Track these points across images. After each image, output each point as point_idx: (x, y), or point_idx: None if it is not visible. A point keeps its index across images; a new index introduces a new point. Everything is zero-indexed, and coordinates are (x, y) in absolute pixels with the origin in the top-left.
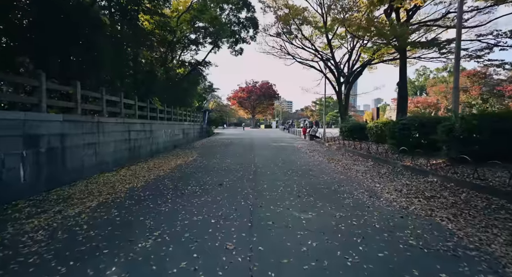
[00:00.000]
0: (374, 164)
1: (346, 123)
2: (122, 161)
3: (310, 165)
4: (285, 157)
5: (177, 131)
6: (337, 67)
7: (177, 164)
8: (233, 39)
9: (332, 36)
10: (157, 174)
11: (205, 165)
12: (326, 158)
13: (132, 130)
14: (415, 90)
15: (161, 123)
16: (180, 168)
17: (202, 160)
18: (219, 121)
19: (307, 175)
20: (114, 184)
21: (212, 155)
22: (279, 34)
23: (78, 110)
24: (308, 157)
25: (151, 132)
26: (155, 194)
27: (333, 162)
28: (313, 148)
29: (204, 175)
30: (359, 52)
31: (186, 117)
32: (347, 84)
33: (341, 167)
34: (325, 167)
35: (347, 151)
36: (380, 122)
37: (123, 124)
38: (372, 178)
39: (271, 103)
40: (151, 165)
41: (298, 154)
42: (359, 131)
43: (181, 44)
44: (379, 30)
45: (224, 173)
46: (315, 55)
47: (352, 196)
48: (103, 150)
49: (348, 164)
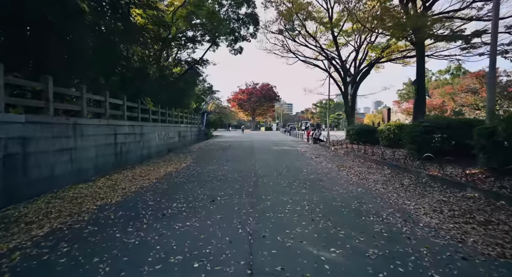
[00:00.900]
0: (393, 172)
1: (354, 126)
2: (106, 168)
3: (319, 174)
4: (289, 163)
5: (172, 133)
6: (343, 66)
7: (167, 171)
8: (232, 37)
9: (338, 32)
10: (140, 185)
11: (198, 173)
12: (335, 164)
13: (119, 133)
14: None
15: (154, 125)
16: (169, 177)
17: (196, 166)
18: (218, 123)
19: (317, 187)
20: (84, 199)
21: (208, 160)
22: (281, 31)
23: (49, 110)
24: (314, 163)
25: (142, 135)
26: (128, 216)
27: (344, 170)
28: (318, 153)
29: (196, 187)
30: (366, 50)
31: (183, 119)
32: (354, 84)
33: (354, 176)
34: (336, 176)
35: (357, 156)
36: (393, 125)
37: (108, 126)
38: (397, 191)
39: (272, 105)
40: (137, 173)
41: (303, 160)
42: (368, 134)
43: (177, 42)
44: (397, 20)
45: (220, 184)
46: (319, 53)
47: (381, 220)
48: (82, 156)
49: (362, 172)
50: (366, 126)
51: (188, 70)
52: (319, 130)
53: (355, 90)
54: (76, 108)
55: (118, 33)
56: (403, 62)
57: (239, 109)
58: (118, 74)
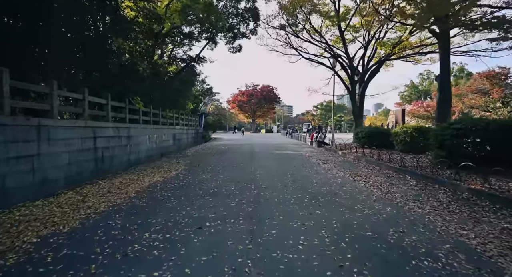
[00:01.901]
0: (420, 184)
1: (363, 128)
2: (82, 177)
3: (331, 185)
4: (295, 171)
5: (166, 136)
6: (351, 63)
7: (152, 182)
8: (231, 34)
9: (345, 27)
10: (113, 202)
11: (188, 184)
12: (348, 173)
13: (100, 136)
14: (419, 95)
15: (145, 127)
16: (152, 190)
17: (187, 175)
18: (217, 126)
19: (334, 204)
20: (28, 226)
21: (203, 167)
22: (284, 26)
23: (2, 109)
24: (324, 171)
25: (130, 138)
26: (74, 257)
27: (360, 180)
28: (325, 158)
29: (181, 205)
30: (375, 46)
31: (178, 120)
32: (362, 83)
33: (375, 188)
34: (353, 188)
35: (370, 162)
36: (410, 127)
37: (86, 128)
38: (438, 212)
39: (272, 107)
40: (116, 183)
41: (310, 167)
42: (380, 138)
43: (171, 38)
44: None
45: (212, 200)
46: (324, 49)
47: (442, 266)
48: (48, 165)
49: (382, 183)
50: (377, 128)
51: (184, 68)
52: (323, 133)
53: (363, 90)
54: (45, 107)
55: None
56: (414, 60)
57: (239, 111)
58: (101, 70)
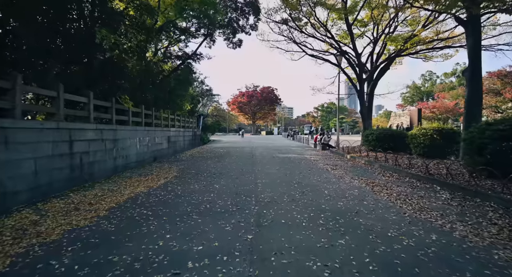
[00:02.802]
0: (456, 197)
1: (374, 130)
2: (53, 188)
3: (348, 198)
4: (302, 178)
5: (160, 139)
6: (359, 60)
7: (134, 194)
8: (230, 30)
9: (353, 21)
10: (72, 226)
11: (176, 197)
12: (363, 181)
13: (78, 140)
14: (421, 96)
15: (134, 129)
16: (129, 206)
17: (177, 184)
18: (216, 127)
19: (359, 230)
20: None
21: (196, 174)
22: (286, 20)
23: None
24: (335, 179)
25: (116, 142)
26: None
27: (381, 191)
28: (333, 163)
29: (160, 229)
30: (384, 42)
31: (174, 122)
32: (371, 81)
33: (403, 203)
34: (375, 203)
35: (385, 168)
36: (430, 128)
37: (60, 130)
38: (500, 242)
39: (273, 108)
40: (89, 197)
41: (319, 173)
42: (393, 140)
43: (166, 33)
44: None
45: (202, 221)
46: (330, 45)
47: None
48: (5, 175)
49: (408, 195)
50: (389, 130)
51: (180, 66)
52: (328, 135)
53: (372, 88)
54: (4, 105)
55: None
56: (425, 57)
57: (239, 113)
58: (83, 65)
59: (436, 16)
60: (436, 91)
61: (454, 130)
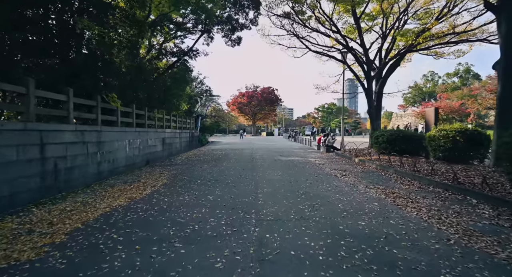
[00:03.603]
0: (503, 215)
1: (384, 131)
2: (16, 201)
3: (369, 215)
4: (310, 187)
5: (154, 141)
6: (367, 56)
7: (109, 209)
8: (228, 27)
9: (361, 15)
10: (5, 262)
11: (159, 214)
12: (380, 190)
13: (52, 143)
14: (423, 96)
15: (123, 130)
16: (98, 227)
17: (164, 195)
18: (215, 128)
19: (399, 268)
20: None
21: (190, 181)
22: (288, 14)
23: None
24: (347, 188)
25: (101, 144)
26: None
27: (406, 205)
28: (340, 167)
29: (126, 268)
30: (394, 37)
31: (170, 122)
32: (380, 79)
33: (440, 223)
34: (405, 223)
35: (402, 174)
36: (452, 130)
37: (27, 132)
38: None
39: (273, 109)
40: (53, 213)
41: (327, 180)
42: (406, 142)
43: (160, 28)
44: None
45: (185, 253)
46: (336, 40)
47: None
48: None
49: (441, 211)
50: (400, 131)
51: (176, 63)
52: (332, 136)
53: (381, 87)
54: None
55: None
56: (436, 54)
57: (239, 113)
58: (62, 58)
59: (451, 8)
60: (439, 91)
61: (479, 132)
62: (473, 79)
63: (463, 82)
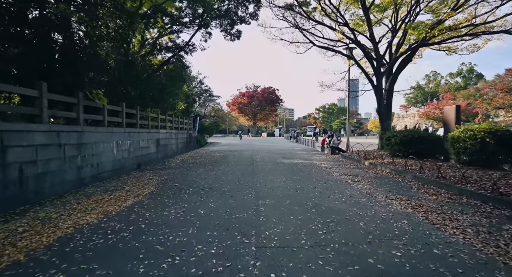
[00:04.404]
0: None
1: (396, 132)
2: None
3: (403, 242)
4: (321, 198)
5: (146, 142)
6: (377, 51)
7: (73, 228)
8: (227, 21)
9: (370, 5)
10: None
11: (131, 238)
12: (405, 203)
13: (16, 146)
14: (425, 97)
15: (110, 131)
16: (38, 262)
17: (146, 210)
18: (214, 129)
19: None
20: None
21: (180, 189)
22: (291, 6)
23: None
24: (364, 199)
25: (82, 147)
26: None
27: (446, 226)
28: (350, 171)
29: None
30: (406, 30)
31: (165, 123)
32: (390, 75)
33: (507, 257)
34: (455, 254)
35: (423, 181)
36: (480, 130)
37: None
38: None
39: (274, 109)
40: None
41: (339, 189)
42: (423, 144)
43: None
44: None
45: None
46: (342, 34)
47: None
48: None
49: (496, 235)
50: (416, 132)
51: (171, 59)
52: (338, 137)
53: (391, 84)
54: None
55: None
56: (448, 49)
57: (239, 114)
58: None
59: None
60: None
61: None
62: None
63: (466, 82)
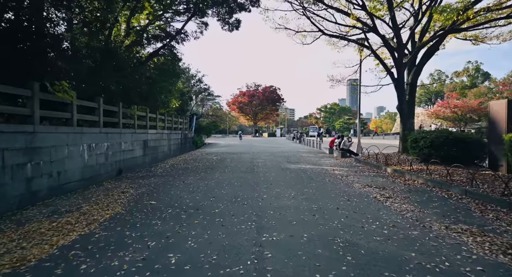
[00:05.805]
0: None
1: (426, 132)
2: None
3: None
4: (353, 232)
5: (130, 144)
6: (399, 38)
7: None
8: (225, 9)
9: None
10: None
11: None
12: (482, 240)
13: None
14: (430, 96)
15: (79, 132)
16: None
17: (85, 255)
18: (212, 129)
19: None
20: None
21: (155, 211)
22: None
23: None
24: (416, 232)
25: (36, 152)
26: None
27: None
28: (373, 182)
29: None
30: (431, 14)
31: (156, 122)
32: (413, 67)
33: None
34: None
35: (480, 198)
36: None
37: None
38: None
39: (275, 108)
40: None
41: (372, 212)
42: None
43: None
44: None
45: None
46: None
47: None
48: None
49: None
50: (449, 133)
51: (160, 49)
52: (349, 139)
53: (414, 77)
54: None
55: None
56: (475, 38)
57: (240, 113)
58: None
59: None
60: (447, 91)
61: None
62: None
63: (473, 80)
